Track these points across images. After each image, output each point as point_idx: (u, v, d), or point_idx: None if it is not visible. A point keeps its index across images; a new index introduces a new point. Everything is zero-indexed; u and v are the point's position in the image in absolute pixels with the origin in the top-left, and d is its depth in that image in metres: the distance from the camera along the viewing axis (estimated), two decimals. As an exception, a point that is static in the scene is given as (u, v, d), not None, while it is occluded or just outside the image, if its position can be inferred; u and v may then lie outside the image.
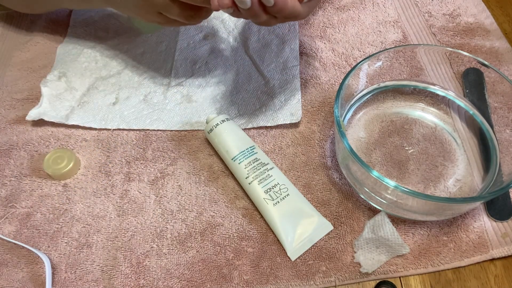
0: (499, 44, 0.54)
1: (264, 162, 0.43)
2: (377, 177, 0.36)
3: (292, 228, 0.40)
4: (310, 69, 0.53)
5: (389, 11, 0.59)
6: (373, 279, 0.39)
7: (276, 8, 0.33)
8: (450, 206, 0.37)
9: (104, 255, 0.41)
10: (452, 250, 0.39)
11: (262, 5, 0.33)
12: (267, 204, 0.41)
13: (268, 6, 0.33)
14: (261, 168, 0.42)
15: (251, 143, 0.44)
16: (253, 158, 0.43)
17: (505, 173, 0.40)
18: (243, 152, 0.43)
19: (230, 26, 0.57)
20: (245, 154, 0.43)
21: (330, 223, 0.41)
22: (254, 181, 0.41)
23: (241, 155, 0.43)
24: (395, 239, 0.39)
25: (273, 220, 0.40)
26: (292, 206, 0.41)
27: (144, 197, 0.44)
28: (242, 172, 0.42)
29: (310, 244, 0.40)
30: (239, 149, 0.43)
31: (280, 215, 0.40)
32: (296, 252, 0.39)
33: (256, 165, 0.42)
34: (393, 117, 0.48)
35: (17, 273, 0.40)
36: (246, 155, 0.43)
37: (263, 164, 0.43)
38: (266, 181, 0.42)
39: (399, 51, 0.47)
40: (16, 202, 0.45)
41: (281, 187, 0.41)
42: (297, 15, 0.35)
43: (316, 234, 0.40)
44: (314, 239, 0.40)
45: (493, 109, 0.45)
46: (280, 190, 0.41)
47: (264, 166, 0.42)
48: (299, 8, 0.35)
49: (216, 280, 0.39)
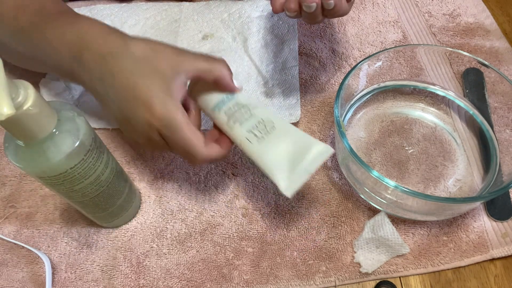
0: (499, 44, 0.54)
1: (245, 103, 0.38)
2: (377, 177, 0.36)
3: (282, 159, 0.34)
4: (310, 69, 0.53)
5: (389, 11, 0.59)
6: (373, 279, 0.39)
7: (334, 10, 0.36)
8: (450, 206, 0.37)
9: (104, 255, 0.41)
10: (452, 250, 0.39)
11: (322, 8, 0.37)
12: (250, 143, 0.35)
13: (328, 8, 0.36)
14: (242, 109, 0.37)
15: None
16: (233, 103, 0.38)
17: (505, 173, 0.40)
18: (222, 100, 0.38)
19: (229, 26, 0.57)
20: (224, 101, 0.38)
21: (329, 146, 0.34)
22: (235, 124, 0.36)
23: (220, 103, 0.38)
24: (395, 239, 0.39)
25: (259, 157, 0.35)
26: (280, 138, 0.35)
27: (144, 197, 0.44)
28: (222, 118, 0.37)
29: (307, 175, 0.34)
30: (217, 98, 0.38)
31: (266, 150, 0.35)
32: (292, 186, 0.33)
33: (237, 108, 0.37)
34: (393, 117, 0.48)
35: (17, 273, 0.40)
36: (225, 101, 0.38)
37: (245, 105, 0.38)
38: (248, 121, 0.36)
39: (399, 51, 0.47)
40: (16, 202, 0.45)
41: (266, 123, 0.36)
42: (345, 14, 0.39)
43: (312, 161, 0.34)
44: (311, 168, 0.34)
45: (493, 109, 0.45)
46: (265, 126, 0.36)
47: (245, 107, 0.37)
48: (347, 7, 0.38)
49: (216, 280, 0.39)
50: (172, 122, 0.34)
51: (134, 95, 0.34)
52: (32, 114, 0.28)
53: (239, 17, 0.58)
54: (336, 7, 0.36)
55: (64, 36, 0.38)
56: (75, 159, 0.32)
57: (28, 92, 0.27)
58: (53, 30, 0.39)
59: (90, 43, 0.36)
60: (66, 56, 0.38)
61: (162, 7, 0.60)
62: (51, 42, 0.39)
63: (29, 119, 0.28)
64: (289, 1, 0.37)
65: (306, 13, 0.37)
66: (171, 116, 0.34)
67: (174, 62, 0.35)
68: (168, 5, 0.60)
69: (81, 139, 0.31)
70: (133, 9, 0.60)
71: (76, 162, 0.32)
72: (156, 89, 0.34)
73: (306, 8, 0.36)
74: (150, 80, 0.34)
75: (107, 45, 0.36)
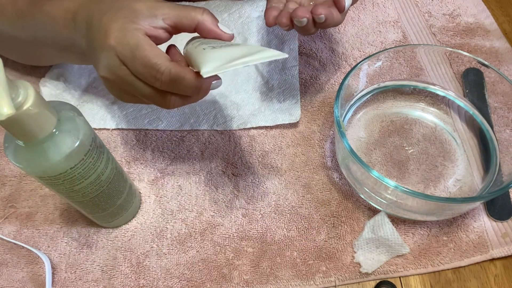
0: (499, 44, 0.54)
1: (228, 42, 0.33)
2: (377, 177, 0.36)
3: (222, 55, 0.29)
4: (310, 69, 0.53)
5: (389, 11, 0.59)
6: (373, 279, 0.39)
7: (326, 23, 0.37)
8: (450, 206, 0.37)
9: (104, 255, 0.41)
10: (452, 250, 0.39)
11: (313, 21, 0.38)
12: (203, 50, 0.31)
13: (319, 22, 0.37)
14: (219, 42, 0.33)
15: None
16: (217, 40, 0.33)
17: (505, 173, 0.40)
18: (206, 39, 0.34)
19: (229, 26, 0.57)
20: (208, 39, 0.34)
21: (285, 54, 0.29)
22: (201, 45, 0.32)
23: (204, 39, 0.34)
24: (395, 239, 0.39)
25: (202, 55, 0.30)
26: (237, 47, 0.30)
27: (144, 197, 0.44)
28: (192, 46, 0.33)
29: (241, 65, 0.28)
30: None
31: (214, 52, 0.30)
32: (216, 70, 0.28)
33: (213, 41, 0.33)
34: (393, 117, 0.48)
35: (17, 273, 0.40)
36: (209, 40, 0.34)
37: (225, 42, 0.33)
38: (215, 44, 0.31)
39: (399, 51, 0.47)
40: (16, 202, 0.45)
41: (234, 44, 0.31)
42: (338, 24, 0.40)
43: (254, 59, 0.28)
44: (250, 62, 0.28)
45: (493, 109, 0.45)
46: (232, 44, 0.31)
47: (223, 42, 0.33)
48: (340, 18, 0.39)
49: (216, 280, 0.39)
50: (130, 40, 0.31)
51: (98, 26, 0.33)
52: (32, 114, 0.28)
53: (239, 17, 0.57)
54: (327, 20, 0.37)
55: (62, 4, 0.38)
56: (75, 159, 0.32)
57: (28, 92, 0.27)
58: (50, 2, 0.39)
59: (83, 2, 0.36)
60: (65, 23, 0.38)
61: (162, 7, 0.60)
62: (50, 13, 0.39)
63: (29, 119, 0.28)
64: (281, 16, 0.38)
65: (298, 27, 0.38)
66: (129, 35, 0.31)
67: (152, 5, 0.33)
68: (168, 5, 0.60)
69: (81, 139, 0.31)
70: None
71: (76, 162, 0.32)
72: (120, 16, 0.32)
73: (298, 22, 0.37)
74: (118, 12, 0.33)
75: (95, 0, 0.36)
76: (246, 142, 0.48)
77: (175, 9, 0.33)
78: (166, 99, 0.33)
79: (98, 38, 0.33)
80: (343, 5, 0.37)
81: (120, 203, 0.39)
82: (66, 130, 0.31)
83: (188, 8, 0.34)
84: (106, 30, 0.32)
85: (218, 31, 0.33)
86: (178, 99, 0.33)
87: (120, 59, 0.32)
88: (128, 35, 0.31)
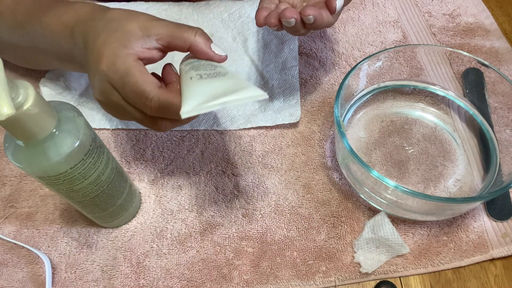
0: (499, 44, 0.54)
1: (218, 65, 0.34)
2: (377, 177, 0.36)
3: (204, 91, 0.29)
4: (310, 69, 0.53)
5: (389, 11, 0.59)
6: (373, 279, 0.39)
7: (315, 24, 0.37)
8: (450, 206, 0.37)
9: (104, 255, 0.41)
10: (452, 250, 0.39)
11: (302, 22, 0.37)
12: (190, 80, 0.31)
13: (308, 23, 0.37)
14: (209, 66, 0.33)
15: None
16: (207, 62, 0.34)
17: (505, 173, 0.40)
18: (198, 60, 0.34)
19: (229, 26, 0.57)
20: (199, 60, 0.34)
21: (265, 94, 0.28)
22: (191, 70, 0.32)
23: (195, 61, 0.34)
24: (395, 239, 0.39)
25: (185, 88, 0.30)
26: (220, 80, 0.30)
27: (144, 197, 0.44)
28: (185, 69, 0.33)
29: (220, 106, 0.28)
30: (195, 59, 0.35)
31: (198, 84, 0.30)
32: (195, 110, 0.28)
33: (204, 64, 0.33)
34: (393, 117, 0.48)
35: (17, 273, 0.40)
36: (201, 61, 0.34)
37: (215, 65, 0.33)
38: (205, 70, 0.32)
39: (399, 51, 0.47)
40: (16, 202, 0.45)
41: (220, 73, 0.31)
42: (330, 25, 0.39)
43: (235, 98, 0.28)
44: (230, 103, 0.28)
45: (493, 109, 0.45)
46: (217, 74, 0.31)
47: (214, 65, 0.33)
48: (331, 19, 0.38)
49: (216, 280, 0.39)
50: (121, 67, 0.31)
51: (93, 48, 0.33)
52: (32, 114, 0.28)
53: (239, 17, 0.57)
54: (317, 21, 0.37)
55: (61, 18, 0.38)
56: (75, 159, 0.32)
57: (28, 92, 0.27)
58: (49, 15, 0.39)
59: (80, 18, 0.37)
60: (64, 36, 0.38)
61: (162, 7, 0.60)
62: (49, 26, 0.39)
63: (29, 119, 0.28)
64: (270, 16, 0.38)
65: (288, 27, 0.38)
66: (120, 61, 0.31)
67: (145, 25, 0.33)
68: (168, 5, 0.60)
69: (81, 139, 0.31)
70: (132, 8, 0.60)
71: (76, 162, 0.32)
72: (112, 40, 0.32)
73: (286, 23, 0.37)
74: (112, 34, 0.33)
75: (91, 16, 0.36)
76: (246, 142, 0.48)
77: (168, 29, 0.33)
78: (157, 123, 0.34)
79: (92, 62, 0.33)
80: (334, 7, 0.37)
81: (120, 203, 0.39)
82: (66, 130, 0.31)
83: (181, 28, 0.34)
84: (99, 55, 0.32)
85: (210, 53, 0.34)
86: (168, 123, 0.34)
87: (111, 85, 0.32)
88: (119, 61, 0.31)
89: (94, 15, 0.36)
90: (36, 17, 0.41)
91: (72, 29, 0.37)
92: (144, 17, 0.34)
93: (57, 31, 0.39)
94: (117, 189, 0.38)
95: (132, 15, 0.34)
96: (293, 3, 0.42)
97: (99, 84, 0.33)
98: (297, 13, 0.37)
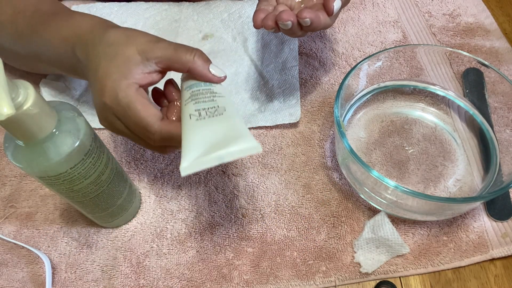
0: (499, 44, 0.54)
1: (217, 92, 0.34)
2: (377, 177, 0.36)
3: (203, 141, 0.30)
4: (310, 69, 0.53)
5: (389, 11, 0.59)
6: (373, 279, 0.39)
7: (312, 26, 0.37)
8: (450, 206, 0.37)
9: (104, 255, 0.41)
10: (452, 250, 0.39)
11: (299, 25, 0.37)
12: (189, 119, 0.32)
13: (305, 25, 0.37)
14: (208, 94, 0.34)
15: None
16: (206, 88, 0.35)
17: (505, 173, 0.40)
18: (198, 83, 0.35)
19: (229, 26, 0.57)
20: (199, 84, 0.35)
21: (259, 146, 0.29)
22: (191, 102, 0.33)
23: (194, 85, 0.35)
24: (395, 239, 0.39)
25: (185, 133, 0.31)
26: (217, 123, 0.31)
27: (144, 197, 0.44)
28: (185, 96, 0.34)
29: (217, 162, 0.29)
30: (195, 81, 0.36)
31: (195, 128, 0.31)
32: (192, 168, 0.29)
33: (204, 91, 0.34)
34: (393, 117, 0.48)
35: (17, 273, 0.40)
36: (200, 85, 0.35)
37: (214, 92, 0.34)
38: (204, 103, 0.33)
39: (399, 51, 0.47)
40: (16, 202, 0.45)
41: (218, 109, 0.32)
42: (327, 27, 0.39)
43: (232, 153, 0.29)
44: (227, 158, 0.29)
45: (493, 109, 0.45)
46: (215, 111, 0.32)
47: (213, 93, 0.34)
48: (329, 21, 0.38)
49: (216, 280, 0.39)
50: (123, 100, 0.32)
51: (95, 77, 0.34)
52: (32, 114, 0.28)
53: (239, 17, 0.58)
54: (314, 24, 0.37)
55: (60, 33, 0.39)
56: (75, 159, 0.32)
57: (28, 92, 0.27)
58: (49, 29, 0.40)
59: (80, 36, 0.37)
60: (65, 52, 0.38)
61: (162, 7, 0.60)
62: (50, 41, 0.40)
63: (29, 119, 0.28)
64: (267, 18, 0.38)
65: (284, 29, 0.38)
66: (121, 94, 0.32)
67: (143, 49, 0.34)
68: (168, 5, 0.60)
69: (81, 139, 0.31)
70: (132, 8, 0.60)
71: (76, 162, 0.32)
72: (113, 70, 0.33)
73: (282, 25, 0.37)
74: (111, 62, 0.33)
75: (91, 36, 0.36)
76: (246, 142, 0.48)
77: (167, 52, 0.34)
78: (160, 149, 0.35)
79: (95, 91, 0.34)
80: (332, 9, 0.37)
81: (120, 203, 0.39)
82: (66, 130, 0.31)
83: (180, 50, 0.34)
84: (101, 88, 0.33)
85: (209, 76, 0.34)
86: (172, 148, 0.35)
87: (115, 115, 0.33)
88: (120, 94, 0.32)
89: (94, 35, 0.36)
90: (37, 32, 0.41)
91: (73, 46, 0.38)
92: (142, 40, 0.34)
93: (58, 47, 0.39)
94: (117, 189, 0.38)
95: (130, 38, 0.34)
96: (290, 5, 0.42)
97: (103, 113, 0.34)
98: (294, 16, 0.37)
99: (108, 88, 0.33)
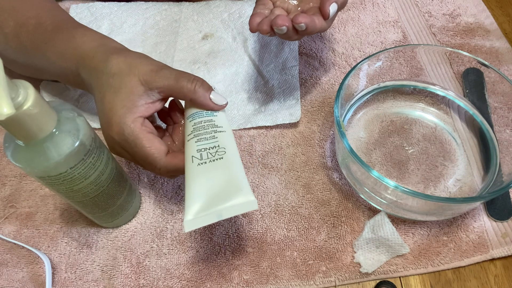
0: (499, 44, 0.54)
1: (218, 124, 0.36)
2: (377, 177, 0.36)
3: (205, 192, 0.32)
4: (310, 69, 0.53)
5: (389, 11, 0.59)
6: (373, 279, 0.39)
7: (308, 30, 0.37)
8: (450, 206, 0.37)
9: (104, 255, 0.41)
10: (452, 250, 0.39)
11: (294, 29, 0.37)
12: (191, 163, 0.33)
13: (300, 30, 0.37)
14: (209, 129, 0.35)
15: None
16: (208, 119, 0.36)
17: (505, 173, 0.40)
18: (200, 112, 0.37)
19: (229, 26, 0.57)
20: (201, 113, 0.36)
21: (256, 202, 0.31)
22: (193, 138, 0.35)
23: (196, 114, 0.36)
24: (395, 239, 0.39)
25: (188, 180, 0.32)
26: (218, 170, 0.33)
27: (144, 197, 0.44)
28: (188, 128, 0.36)
29: (216, 219, 0.31)
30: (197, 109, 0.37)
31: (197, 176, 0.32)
32: (194, 224, 0.30)
33: (206, 125, 0.35)
34: (393, 117, 0.48)
35: (17, 273, 0.40)
36: (202, 114, 0.36)
37: (215, 126, 0.36)
38: (205, 141, 0.34)
39: (399, 51, 0.47)
40: (16, 202, 0.45)
41: (218, 151, 0.34)
42: (324, 31, 0.40)
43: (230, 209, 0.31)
44: (225, 214, 0.31)
45: (493, 109, 0.45)
46: (216, 153, 0.34)
47: (214, 128, 0.35)
48: (325, 25, 0.39)
49: (216, 280, 0.39)
50: (129, 137, 0.34)
51: (102, 109, 0.35)
52: (32, 114, 0.28)
53: (239, 17, 0.58)
54: (309, 28, 0.37)
55: (63, 55, 0.40)
56: (75, 159, 0.32)
57: (28, 92, 0.27)
58: (52, 49, 0.41)
59: (83, 59, 0.38)
60: (70, 71, 0.40)
61: (162, 6, 0.60)
62: (53, 60, 0.41)
63: (29, 119, 0.28)
64: (262, 23, 0.38)
65: (280, 34, 0.38)
66: (128, 131, 0.34)
67: (146, 79, 0.35)
68: (168, 5, 0.60)
69: (81, 139, 0.31)
70: (132, 8, 0.60)
71: (76, 162, 0.32)
72: (118, 104, 0.34)
73: (278, 30, 0.37)
74: (116, 95, 0.35)
75: (93, 61, 0.37)
76: (246, 142, 0.48)
77: (169, 82, 0.35)
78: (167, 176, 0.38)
79: (102, 123, 0.36)
80: (328, 13, 0.38)
81: (120, 203, 0.39)
82: (66, 130, 0.31)
83: (182, 80, 0.35)
84: (108, 121, 0.35)
85: (211, 105, 0.36)
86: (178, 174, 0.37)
87: (122, 147, 0.36)
88: (127, 131, 0.34)
89: (96, 62, 0.37)
90: (40, 49, 0.41)
91: (77, 66, 0.39)
92: (145, 69, 0.35)
93: (62, 66, 0.40)
94: (117, 189, 0.38)
95: (132, 68, 0.35)
96: (287, 8, 0.42)
97: (112, 144, 0.36)
98: (289, 21, 0.37)
99: (115, 124, 0.34)
